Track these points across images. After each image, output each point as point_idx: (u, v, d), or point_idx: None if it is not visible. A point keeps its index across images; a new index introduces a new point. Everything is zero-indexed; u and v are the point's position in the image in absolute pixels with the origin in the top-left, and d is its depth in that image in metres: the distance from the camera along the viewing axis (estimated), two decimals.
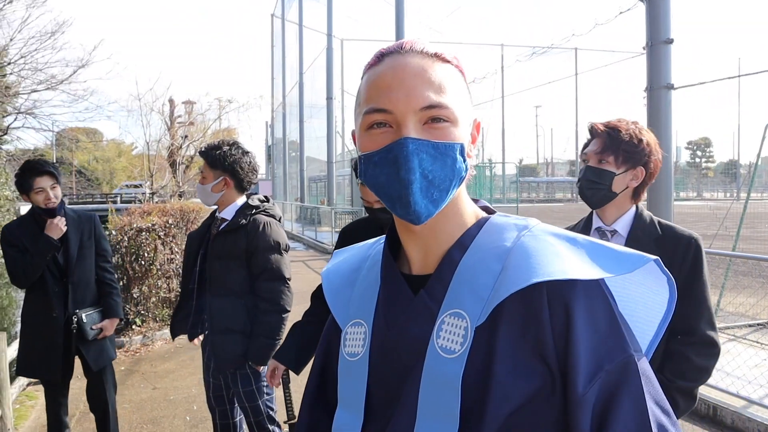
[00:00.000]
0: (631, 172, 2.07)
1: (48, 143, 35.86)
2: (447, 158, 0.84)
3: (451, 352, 0.82)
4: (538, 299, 0.81)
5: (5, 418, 4.24)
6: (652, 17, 6.07)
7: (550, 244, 0.85)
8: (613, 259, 0.83)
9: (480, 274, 0.85)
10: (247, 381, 3.02)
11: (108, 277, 3.84)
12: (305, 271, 13.32)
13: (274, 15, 40.07)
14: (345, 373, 0.96)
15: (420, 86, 0.84)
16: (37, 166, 3.47)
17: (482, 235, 0.90)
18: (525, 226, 0.90)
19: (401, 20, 13.82)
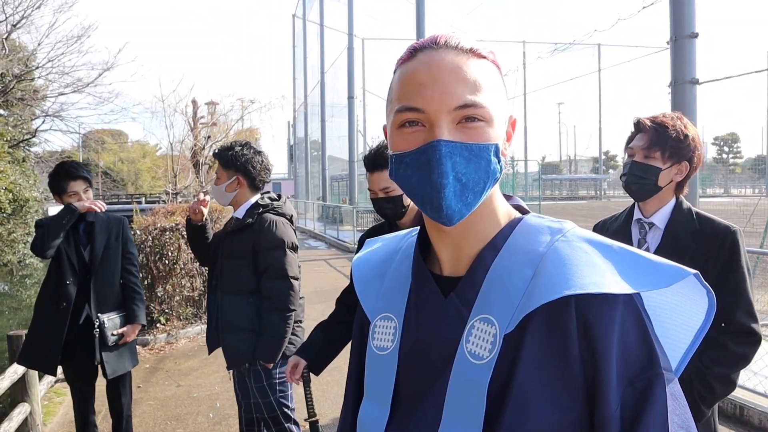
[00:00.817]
0: (676, 166, 2.07)
1: (75, 145, 36.49)
2: (481, 160, 0.81)
3: (480, 358, 0.80)
4: (566, 311, 0.78)
5: (34, 414, 4.32)
6: (676, 11, 5.99)
7: (585, 252, 0.81)
8: (649, 271, 0.79)
9: (511, 279, 0.82)
10: (258, 377, 3.04)
11: (133, 281, 3.83)
12: (327, 269, 13.37)
13: (295, 15, 40.28)
14: (373, 366, 0.95)
15: (454, 84, 0.81)
16: (72, 171, 3.54)
17: (515, 236, 0.87)
18: (560, 230, 0.86)
19: (422, 18, 13.79)
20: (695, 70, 6.02)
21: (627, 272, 0.78)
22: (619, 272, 0.78)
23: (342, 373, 5.71)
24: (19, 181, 14.26)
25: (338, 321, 2.70)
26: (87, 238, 3.64)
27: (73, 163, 3.67)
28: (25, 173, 15.98)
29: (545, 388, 0.77)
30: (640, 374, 0.77)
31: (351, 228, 19.59)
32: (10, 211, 13.74)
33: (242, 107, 19.59)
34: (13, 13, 23.19)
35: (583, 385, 0.77)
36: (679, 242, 2.04)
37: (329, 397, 5.20)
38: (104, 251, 3.66)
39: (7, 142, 14.56)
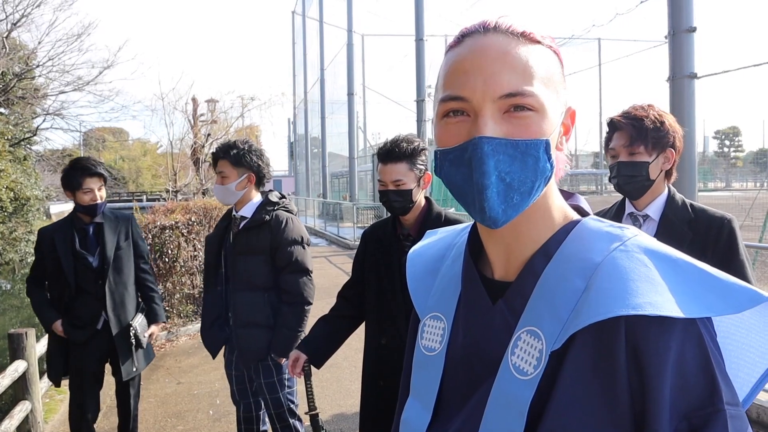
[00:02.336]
0: (662, 155, 2.08)
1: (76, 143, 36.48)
2: (528, 158, 0.74)
3: (524, 373, 0.75)
4: (616, 333, 0.71)
5: (35, 412, 4.34)
6: (674, 5, 5.98)
7: (645, 265, 0.73)
8: (718, 293, 0.70)
9: (562, 291, 0.76)
10: (269, 373, 3.07)
11: (149, 280, 3.82)
12: (327, 266, 13.39)
13: (294, 12, 40.21)
14: (420, 366, 0.92)
15: (501, 71, 0.74)
16: (89, 167, 3.49)
17: (569, 242, 0.80)
18: (619, 237, 0.77)
19: (421, 14, 13.78)
20: (693, 64, 6.02)
21: (692, 292, 0.70)
22: (682, 292, 0.70)
23: (341, 369, 5.73)
24: (20, 180, 14.27)
25: (339, 315, 2.73)
26: (96, 239, 3.57)
27: (90, 159, 3.62)
28: (27, 172, 15.99)
29: (586, 415, 0.71)
30: (698, 409, 0.69)
31: (351, 225, 19.58)
32: (11, 209, 13.76)
33: (242, 104, 19.60)
34: (14, 11, 23.17)
35: (629, 416, 0.70)
36: (676, 232, 2.04)
37: (328, 393, 5.22)
38: (115, 253, 3.60)
39: (8, 140, 14.58)
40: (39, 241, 3.59)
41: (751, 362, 0.80)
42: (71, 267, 3.48)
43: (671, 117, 2.10)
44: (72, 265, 3.49)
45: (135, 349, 3.58)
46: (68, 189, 3.51)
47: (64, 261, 3.47)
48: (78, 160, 3.58)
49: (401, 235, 2.50)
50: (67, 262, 3.48)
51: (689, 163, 5.79)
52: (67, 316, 3.49)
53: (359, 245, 2.74)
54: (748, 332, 0.79)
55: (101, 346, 3.54)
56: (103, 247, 3.56)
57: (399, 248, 2.47)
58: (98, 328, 3.51)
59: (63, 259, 3.47)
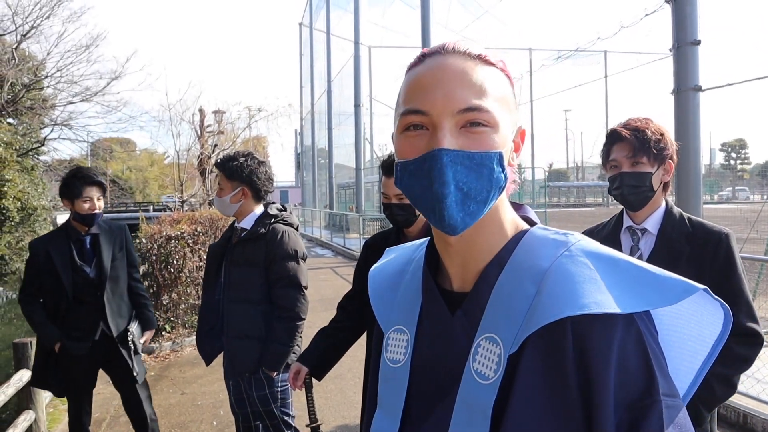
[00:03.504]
0: (662, 168, 2.09)
1: (83, 154, 36.71)
2: (483, 168, 0.79)
3: (486, 378, 0.78)
4: (563, 333, 0.75)
5: (39, 421, 4.35)
6: (679, 18, 5.99)
7: (588, 267, 0.77)
8: (655, 287, 0.75)
9: (515, 297, 0.80)
10: (261, 385, 3.06)
11: (141, 288, 3.87)
12: (333, 277, 13.38)
13: (302, 24, 40.48)
14: (385, 378, 0.95)
15: (459, 87, 0.79)
16: (89, 175, 3.50)
17: (519, 251, 0.84)
18: (564, 243, 0.83)
19: (427, 26, 13.85)
20: (698, 77, 6.02)
21: (631, 289, 0.75)
22: (622, 289, 0.75)
23: (345, 380, 5.72)
24: (27, 190, 14.36)
25: (340, 326, 2.72)
26: (93, 251, 3.58)
27: (90, 169, 3.64)
28: (34, 182, 16.09)
29: (541, 413, 0.75)
30: (637, 401, 0.73)
31: (357, 236, 19.60)
32: (18, 219, 13.84)
33: (249, 115, 19.69)
34: (23, 23, 23.42)
35: (580, 411, 0.74)
36: (673, 246, 2.05)
37: (332, 404, 5.21)
38: (112, 263, 3.62)
39: (16, 150, 14.68)
40: (33, 254, 3.53)
41: (692, 351, 0.85)
42: (70, 279, 3.47)
43: (667, 131, 2.12)
44: (71, 277, 3.48)
45: (134, 354, 3.63)
46: (67, 197, 3.49)
47: (63, 274, 3.46)
48: (79, 169, 3.58)
49: None
50: (66, 275, 3.46)
51: (695, 176, 5.78)
52: (64, 328, 3.48)
53: (360, 255, 2.74)
54: (687, 323, 0.84)
55: (97, 357, 3.58)
56: (100, 258, 3.57)
57: None
58: (96, 339, 3.53)
59: (62, 272, 3.46)
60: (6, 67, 20.91)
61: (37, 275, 3.50)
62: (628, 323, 0.75)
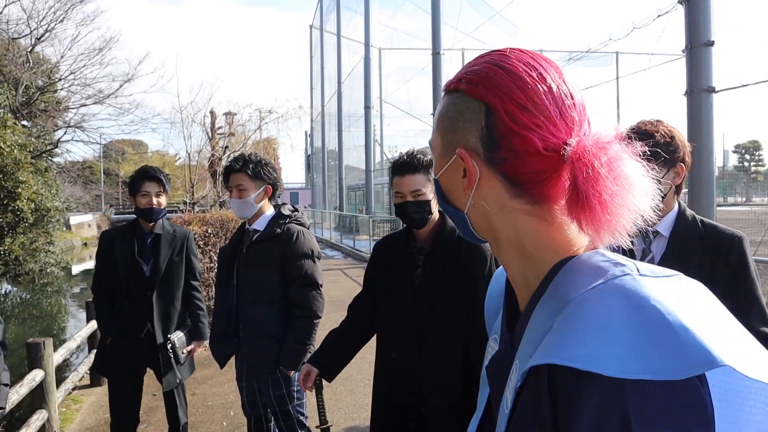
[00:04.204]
0: (672, 171, 2.05)
1: (96, 155, 36.99)
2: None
3: (507, 407, 0.75)
4: (542, 378, 0.67)
5: (51, 421, 4.38)
6: (692, 19, 5.96)
7: (609, 309, 0.63)
8: (667, 349, 0.58)
9: (537, 328, 0.72)
10: (278, 385, 3.07)
11: (197, 297, 3.87)
12: (343, 279, 13.40)
13: (312, 26, 40.59)
14: (482, 380, 0.95)
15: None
16: (149, 171, 3.65)
17: (561, 276, 0.75)
18: (605, 274, 0.69)
19: (438, 28, 13.85)
20: (711, 78, 5.98)
21: (640, 349, 0.59)
22: (629, 346, 0.59)
23: (355, 382, 5.72)
24: (41, 191, 14.47)
25: (350, 328, 2.71)
26: (152, 250, 3.66)
27: (152, 167, 3.77)
28: (48, 183, 16.22)
29: None
30: None
31: (367, 237, 19.60)
32: (32, 220, 13.95)
33: (260, 117, 19.74)
34: (38, 26, 23.67)
35: None
36: (685, 249, 2.02)
37: (342, 406, 5.21)
38: (167, 266, 3.67)
39: (30, 152, 14.81)
40: (102, 243, 3.69)
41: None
42: (126, 273, 3.58)
43: (680, 132, 2.09)
44: (128, 271, 3.58)
45: (174, 362, 3.63)
46: (131, 194, 3.67)
47: (120, 266, 3.58)
48: (141, 167, 3.74)
49: (414, 249, 2.48)
50: (124, 268, 3.58)
51: (708, 178, 5.74)
52: (116, 321, 3.59)
53: (371, 257, 2.74)
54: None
55: (141, 356, 3.60)
56: (157, 258, 3.65)
57: (411, 262, 2.44)
58: (141, 337, 3.57)
59: (120, 264, 3.58)
60: (21, 70, 21.12)
61: (104, 265, 3.64)
62: (615, 391, 0.59)
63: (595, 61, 27.41)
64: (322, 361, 2.66)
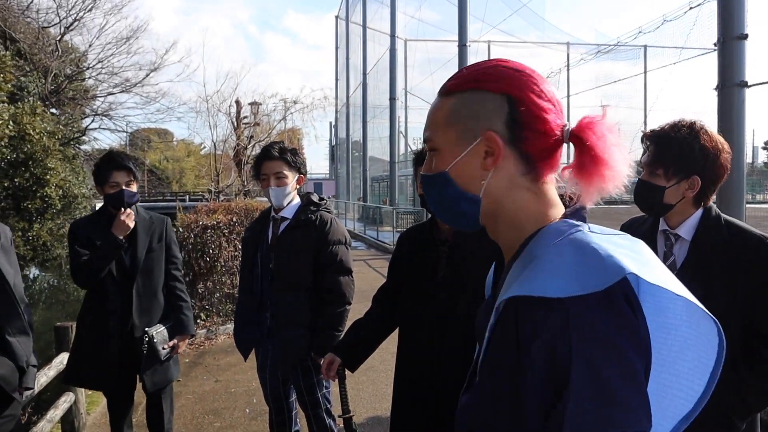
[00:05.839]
0: (685, 182, 1.92)
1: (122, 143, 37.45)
2: (434, 188, 1.01)
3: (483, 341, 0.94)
4: (506, 315, 0.87)
5: (78, 403, 4.46)
6: (725, 11, 5.83)
7: (562, 254, 0.84)
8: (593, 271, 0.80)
9: (510, 281, 0.90)
10: (309, 374, 3.08)
11: (179, 287, 3.53)
12: (366, 270, 13.42)
13: (338, 17, 40.56)
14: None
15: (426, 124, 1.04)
16: (116, 160, 3.28)
17: (533, 241, 0.93)
18: (563, 233, 0.89)
19: (464, 20, 13.73)
20: (744, 72, 5.84)
21: (578, 275, 0.79)
22: (572, 274, 0.80)
23: (377, 372, 5.74)
24: (69, 178, 14.71)
25: (374, 319, 2.72)
26: (128, 240, 3.30)
27: (119, 152, 3.42)
28: (75, 170, 16.47)
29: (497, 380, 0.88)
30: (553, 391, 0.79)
31: (391, 229, 19.61)
32: (60, 207, 14.18)
33: (285, 108, 19.84)
34: (67, 15, 23.99)
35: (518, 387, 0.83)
36: (707, 255, 1.92)
37: (364, 396, 5.23)
38: (146, 255, 3.35)
39: (59, 140, 15.04)
40: (76, 234, 3.31)
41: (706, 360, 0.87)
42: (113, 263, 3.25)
43: (716, 140, 1.92)
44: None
45: (152, 360, 3.27)
46: (97, 184, 3.33)
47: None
48: (106, 154, 3.40)
49: (438, 241, 2.46)
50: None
51: (737, 175, 5.62)
52: (101, 316, 3.27)
53: (395, 249, 2.73)
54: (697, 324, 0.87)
55: (126, 354, 3.26)
56: (135, 248, 3.32)
57: (434, 254, 2.43)
58: (124, 333, 3.26)
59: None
60: (50, 59, 21.44)
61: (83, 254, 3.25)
62: (562, 309, 0.78)
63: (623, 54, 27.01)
64: (345, 350, 2.66)
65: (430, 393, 2.32)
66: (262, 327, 3.18)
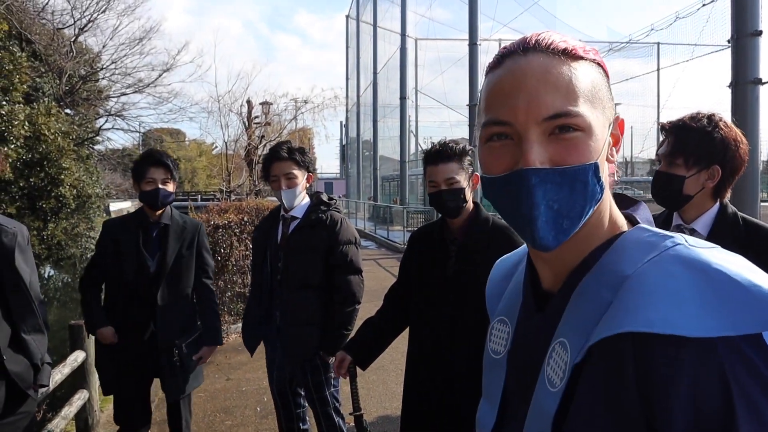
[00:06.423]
0: (705, 172, 1.92)
1: (135, 143, 37.70)
2: (577, 183, 0.72)
3: (553, 385, 0.74)
4: (624, 349, 0.67)
5: (92, 400, 4.49)
6: (739, 8, 5.79)
7: (673, 276, 0.66)
8: (747, 306, 0.61)
9: (590, 304, 0.73)
10: (317, 371, 3.10)
11: (209, 297, 3.46)
12: (376, 269, 13.42)
13: (349, 16, 40.59)
14: (488, 368, 0.95)
15: (544, 92, 0.72)
16: (154, 156, 3.28)
17: (609, 254, 0.76)
18: (658, 247, 0.72)
19: (475, 18, 13.72)
20: (758, 69, 5.80)
21: (716, 307, 0.62)
22: (705, 306, 0.63)
23: (387, 372, 5.74)
24: (83, 178, 14.81)
25: (385, 318, 2.72)
26: (159, 242, 3.27)
27: (158, 150, 3.40)
28: (89, 170, 16.58)
29: (597, 429, 0.68)
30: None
31: (401, 228, 19.61)
32: (74, 206, 14.29)
33: (296, 107, 19.89)
34: (81, 17, 24.18)
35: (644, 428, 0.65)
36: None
37: (374, 395, 5.24)
38: (176, 260, 3.28)
39: (73, 140, 15.16)
40: (104, 234, 3.31)
41: None
42: (131, 267, 3.21)
43: (734, 132, 1.92)
44: (132, 265, 3.22)
45: (179, 371, 3.25)
46: (135, 180, 3.29)
47: (125, 260, 3.21)
48: (146, 151, 3.40)
49: (448, 240, 2.46)
50: (128, 262, 3.21)
51: (752, 173, 5.58)
52: (119, 321, 3.22)
53: (406, 248, 2.74)
54: None
55: (146, 360, 3.22)
56: (164, 252, 3.26)
57: (444, 253, 2.43)
58: (144, 340, 3.21)
59: (125, 257, 3.22)
60: (64, 60, 21.60)
61: (102, 256, 3.29)
62: (706, 350, 0.62)
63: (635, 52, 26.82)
64: (356, 349, 2.67)
65: (440, 392, 2.32)
66: (271, 324, 3.20)
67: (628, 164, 75.57)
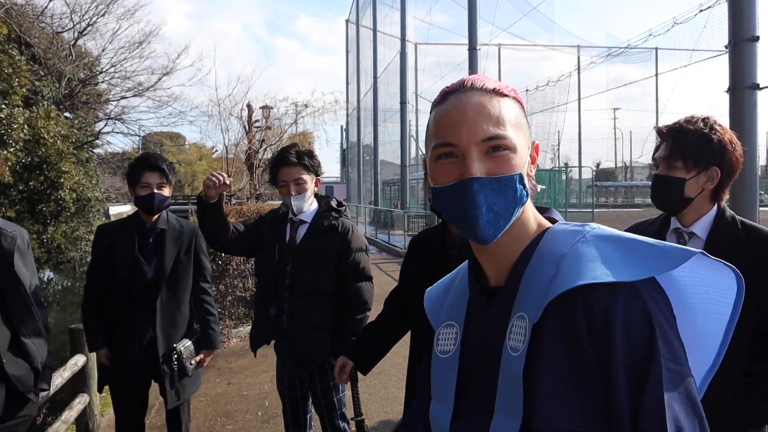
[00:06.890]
0: (705, 174, 1.94)
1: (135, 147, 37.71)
2: (508, 189, 0.93)
3: (516, 350, 0.89)
4: (574, 302, 0.87)
5: (92, 405, 4.51)
6: (736, 13, 5.80)
7: (599, 248, 0.90)
8: (658, 256, 0.86)
9: (539, 279, 0.92)
10: (326, 377, 3.07)
11: (207, 301, 3.44)
12: (378, 273, 13.42)
13: (348, 21, 40.66)
14: (437, 368, 1.09)
15: (480, 121, 0.93)
16: (149, 159, 3.22)
17: (543, 244, 0.97)
18: (581, 232, 0.95)
19: (474, 23, 13.73)
20: (756, 74, 5.81)
21: (635, 261, 0.86)
22: (627, 263, 0.86)
23: (389, 376, 5.75)
24: (82, 182, 14.80)
25: (386, 322, 2.72)
26: (156, 247, 3.25)
27: (154, 153, 3.32)
28: (89, 174, 16.57)
29: (565, 378, 0.86)
30: (639, 362, 0.83)
31: (402, 233, 19.62)
32: (73, 210, 14.28)
33: (296, 111, 19.92)
34: (80, 20, 24.19)
35: (598, 378, 0.84)
36: (723, 253, 1.90)
37: (375, 400, 5.25)
38: (173, 266, 3.25)
39: (73, 143, 15.15)
40: (97, 240, 3.30)
41: (719, 313, 0.94)
42: (125, 274, 3.17)
43: (729, 133, 1.95)
44: (127, 272, 3.17)
45: (178, 375, 3.24)
46: (129, 185, 3.25)
47: (119, 266, 3.17)
48: (141, 154, 3.34)
49: (448, 245, 2.47)
50: (122, 268, 3.17)
51: (751, 177, 5.59)
52: (112, 330, 3.21)
53: (407, 252, 2.74)
54: (707, 290, 0.94)
55: (145, 366, 3.21)
56: (162, 257, 3.23)
57: (444, 258, 2.43)
58: (144, 346, 3.19)
59: (119, 264, 3.18)
60: (64, 63, 21.63)
61: (98, 260, 3.28)
62: (633, 294, 0.85)
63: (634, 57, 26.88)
64: (357, 353, 2.67)
65: None
66: (278, 327, 3.16)
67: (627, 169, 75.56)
